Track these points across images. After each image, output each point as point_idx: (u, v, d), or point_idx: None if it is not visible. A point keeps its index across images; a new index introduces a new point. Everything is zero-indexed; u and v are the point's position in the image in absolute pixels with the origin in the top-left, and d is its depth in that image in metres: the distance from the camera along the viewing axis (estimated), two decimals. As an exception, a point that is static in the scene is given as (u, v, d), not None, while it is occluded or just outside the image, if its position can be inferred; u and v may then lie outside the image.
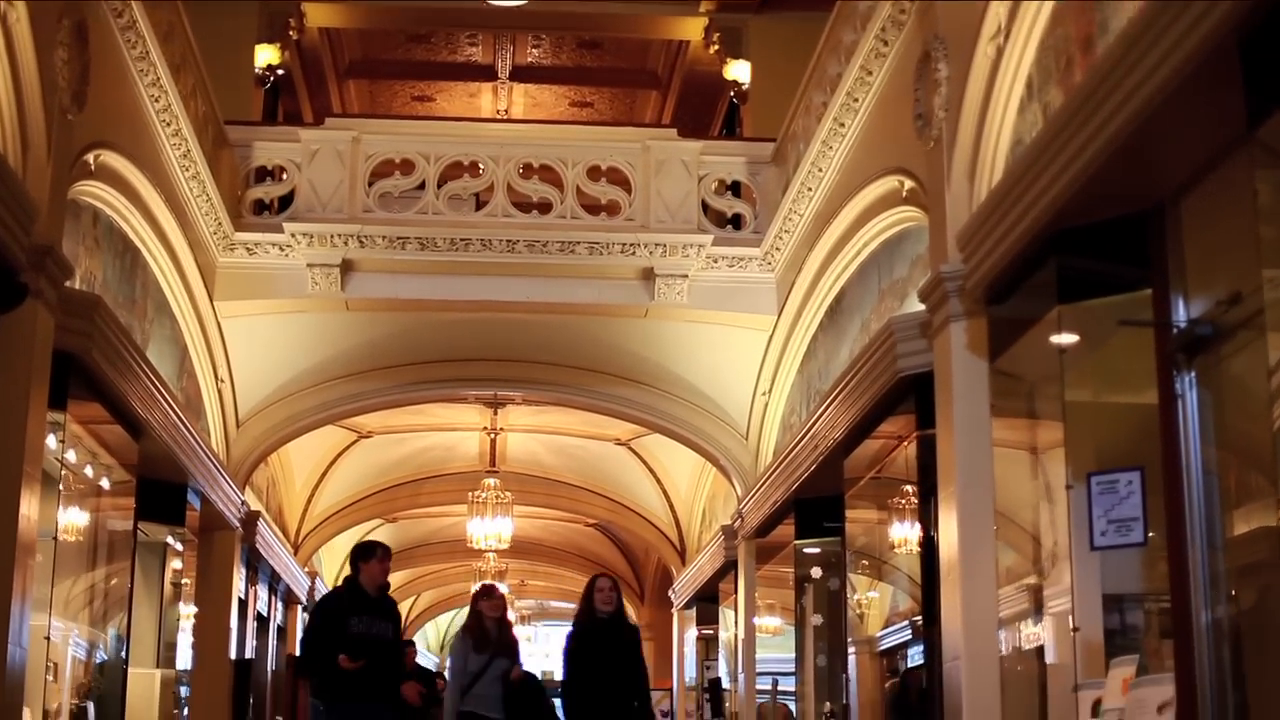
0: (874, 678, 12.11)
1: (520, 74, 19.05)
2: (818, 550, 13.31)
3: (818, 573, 13.37)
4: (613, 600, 10.78)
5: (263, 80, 16.11)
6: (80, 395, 9.89)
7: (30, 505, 8.58)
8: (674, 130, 14.92)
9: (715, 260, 14.05)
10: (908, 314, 9.83)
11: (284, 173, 14.28)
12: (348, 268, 13.82)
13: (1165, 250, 6.74)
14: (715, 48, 16.92)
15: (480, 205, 14.87)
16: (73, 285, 9.52)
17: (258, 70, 15.94)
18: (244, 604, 16.47)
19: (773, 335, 14.18)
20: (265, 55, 16.04)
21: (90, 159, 9.93)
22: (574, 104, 19.70)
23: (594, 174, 14.34)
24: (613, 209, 14.34)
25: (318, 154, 14.04)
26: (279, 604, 19.83)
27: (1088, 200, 6.88)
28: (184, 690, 13.58)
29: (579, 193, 14.23)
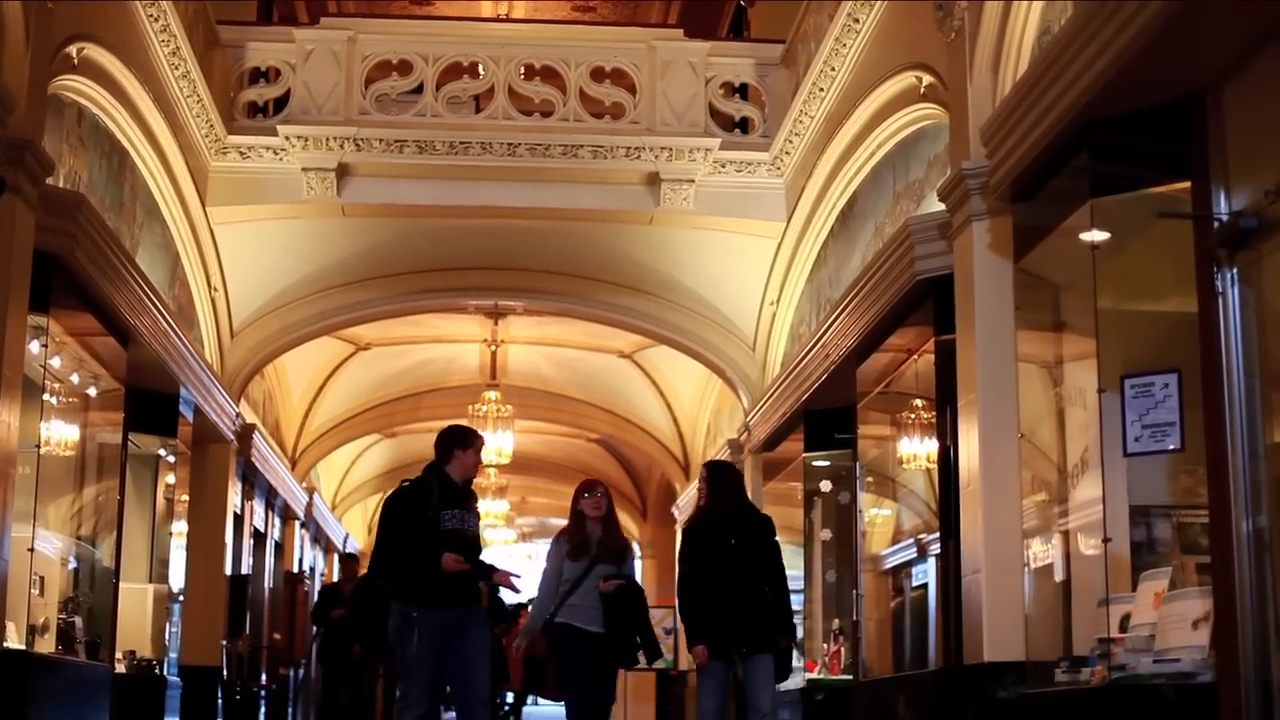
0: (881, 595, 11.86)
1: (522, -25, 18.62)
2: (827, 463, 13.08)
3: (827, 486, 13.13)
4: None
5: (258, -20, 15.73)
6: (65, 300, 9.65)
7: (10, 412, 8.30)
8: (680, 31, 14.59)
9: (722, 165, 13.73)
10: (926, 214, 9.59)
11: (278, 74, 13.96)
12: (344, 172, 13.52)
13: (1206, 139, 6.47)
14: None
15: (480, 108, 14.51)
16: (55, 183, 9.22)
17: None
18: (240, 519, 16.25)
19: (781, 242, 13.86)
20: (259, -47, 15.67)
21: (73, 51, 9.62)
22: (576, 8, 19.23)
23: (598, 76, 14.02)
24: (617, 112, 14.00)
25: (313, 55, 13.72)
26: (276, 519, 19.62)
27: (1122, 89, 6.60)
28: (177, 606, 13.33)
29: (582, 95, 13.90)
